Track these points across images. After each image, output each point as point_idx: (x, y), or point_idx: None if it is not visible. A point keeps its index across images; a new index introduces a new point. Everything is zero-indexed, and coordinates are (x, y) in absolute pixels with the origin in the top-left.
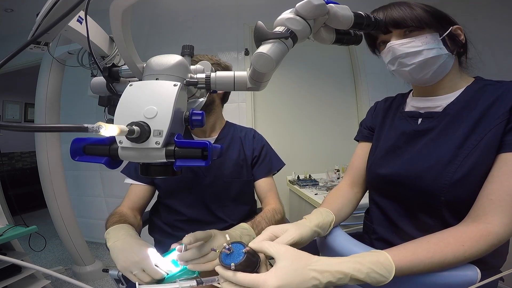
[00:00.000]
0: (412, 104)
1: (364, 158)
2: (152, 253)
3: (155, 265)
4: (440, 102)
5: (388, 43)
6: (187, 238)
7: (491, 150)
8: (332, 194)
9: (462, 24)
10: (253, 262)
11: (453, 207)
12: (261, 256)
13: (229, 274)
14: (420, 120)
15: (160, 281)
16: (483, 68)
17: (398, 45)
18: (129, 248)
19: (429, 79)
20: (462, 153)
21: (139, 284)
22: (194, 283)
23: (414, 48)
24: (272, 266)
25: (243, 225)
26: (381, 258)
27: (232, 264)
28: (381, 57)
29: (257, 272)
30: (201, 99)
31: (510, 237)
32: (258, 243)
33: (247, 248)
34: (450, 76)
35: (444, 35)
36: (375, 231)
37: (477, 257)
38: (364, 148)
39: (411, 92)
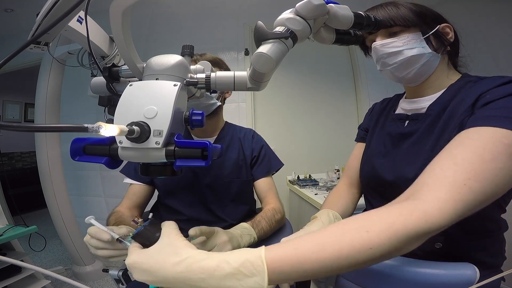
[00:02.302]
0: (402, 106)
1: (360, 159)
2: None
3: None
4: (425, 103)
5: (372, 44)
6: (193, 230)
7: None
8: (333, 195)
9: (462, 24)
10: (150, 237)
11: None
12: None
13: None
14: (406, 122)
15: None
16: (482, 68)
17: (380, 45)
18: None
19: (413, 78)
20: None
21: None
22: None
23: (395, 48)
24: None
25: (243, 224)
26: (252, 256)
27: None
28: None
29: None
30: (218, 103)
31: (447, 223)
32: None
33: (149, 220)
34: (437, 75)
35: (428, 34)
36: None
37: (391, 253)
38: (360, 149)
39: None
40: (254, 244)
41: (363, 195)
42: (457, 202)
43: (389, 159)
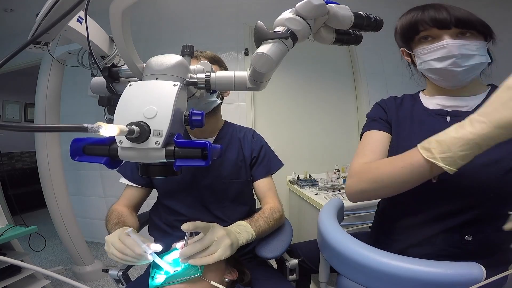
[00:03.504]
0: (437, 102)
1: (384, 146)
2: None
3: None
4: (468, 102)
5: (443, 40)
6: (186, 225)
7: None
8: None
9: None
10: None
11: (501, 198)
12: None
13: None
14: (448, 118)
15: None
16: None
17: (458, 45)
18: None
19: (465, 83)
20: (507, 156)
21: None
22: None
23: (471, 51)
24: None
25: (240, 222)
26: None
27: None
28: (417, 52)
29: None
30: (219, 101)
31: None
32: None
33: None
34: (474, 82)
35: (489, 42)
36: (394, 232)
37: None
38: (384, 138)
39: (421, 92)
40: (253, 242)
41: None
42: None
43: None
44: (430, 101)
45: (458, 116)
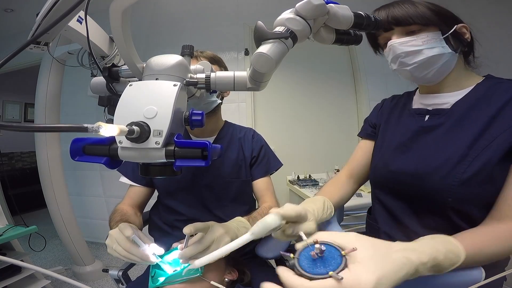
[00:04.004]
0: (420, 101)
1: (365, 154)
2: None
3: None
4: (448, 99)
5: (389, 42)
6: (187, 228)
7: (503, 152)
8: (331, 184)
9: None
10: None
11: (460, 208)
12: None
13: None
14: (427, 117)
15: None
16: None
17: (399, 43)
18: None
19: (432, 78)
20: (472, 153)
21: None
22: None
23: (415, 47)
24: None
25: (239, 218)
26: (445, 238)
27: (330, 273)
28: (384, 57)
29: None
30: (219, 101)
31: None
32: (317, 234)
33: (345, 251)
34: (455, 75)
35: (447, 33)
36: (380, 230)
37: None
38: (366, 145)
39: (417, 89)
40: (253, 242)
41: (371, 194)
42: None
43: (410, 152)
44: (417, 100)
45: (438, 114)
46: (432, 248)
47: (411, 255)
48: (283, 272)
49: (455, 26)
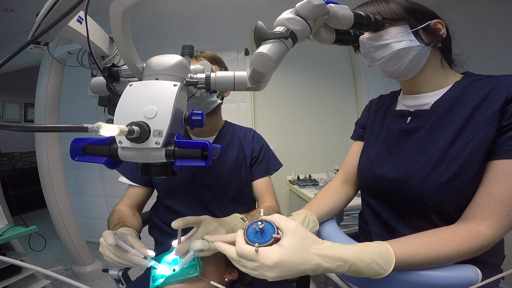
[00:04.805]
0: (403, 103)
1: (357, 157)
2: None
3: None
4: (428, 99)
5: (359, 38)
6: (176, 222)
7: (480, 153)
8: (324, 192)
9: (463, 23)
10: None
11: (440, 211)
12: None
13: (244, 250)
14: (409, 119)
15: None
16: (483, 68)
17: (367, 39)
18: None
19: (404, 72)
20: (449, 156)
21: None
22: None
23: (382, 41)
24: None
25: (237, 215)
26: (384, 249)
27: (256, 244)
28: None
29: None
30: (219, 101)
31: (499, 240)
32: (270, 216)
33: (277, 235)
34: (431, 71)
35: (417, 28)
36: (370, 232)
37: (470, 255)
38: (358, 147)
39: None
40: None
41: (360, 196)
42: (504, 227)
43: (392, 156)
44: (400, 101)
45: (419, 115)
46: (353, 256)
47: (322, 260)
48: (239, 233)
49: (429, 22)
